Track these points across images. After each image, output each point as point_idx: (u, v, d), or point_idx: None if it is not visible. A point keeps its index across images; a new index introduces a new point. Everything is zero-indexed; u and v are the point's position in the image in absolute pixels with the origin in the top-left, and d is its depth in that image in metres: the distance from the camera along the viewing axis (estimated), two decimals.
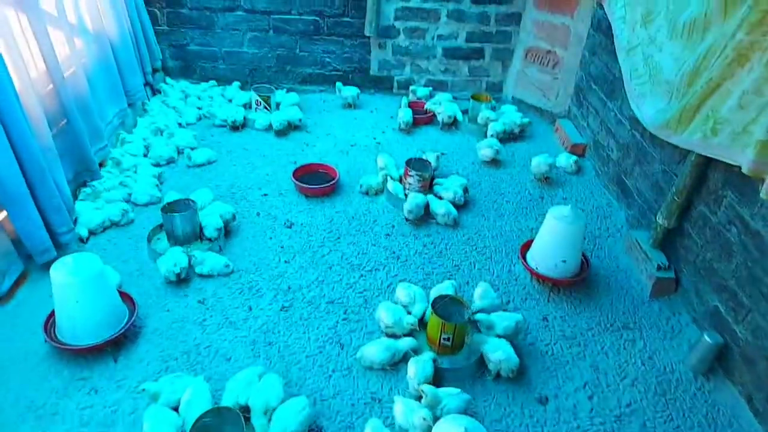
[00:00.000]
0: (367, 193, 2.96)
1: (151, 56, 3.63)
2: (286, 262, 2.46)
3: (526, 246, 2.48)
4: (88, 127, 2.74)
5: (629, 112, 2.78)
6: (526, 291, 2.36)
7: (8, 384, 1.81)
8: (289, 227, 2.68)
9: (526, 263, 2.39)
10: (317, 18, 3.83)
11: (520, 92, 4.00)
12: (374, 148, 3.42)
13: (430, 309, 2.01)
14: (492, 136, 3.42)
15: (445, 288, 2.17)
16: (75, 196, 2.61)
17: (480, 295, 2.14)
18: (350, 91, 3.86)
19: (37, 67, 2.44)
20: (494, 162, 3.30)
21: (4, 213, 2.16)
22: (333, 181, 2.95)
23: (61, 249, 2.31)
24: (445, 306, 2.00)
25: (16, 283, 2.17)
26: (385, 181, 2.96)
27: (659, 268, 2.34)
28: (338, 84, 3.91)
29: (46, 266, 2.24)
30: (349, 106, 3.90)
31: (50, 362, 1.89)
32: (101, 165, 2.86)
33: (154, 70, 3.70)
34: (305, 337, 2.07)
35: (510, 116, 3.60)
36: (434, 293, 2.15)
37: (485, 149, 3.24)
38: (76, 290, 1.82)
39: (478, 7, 3.81)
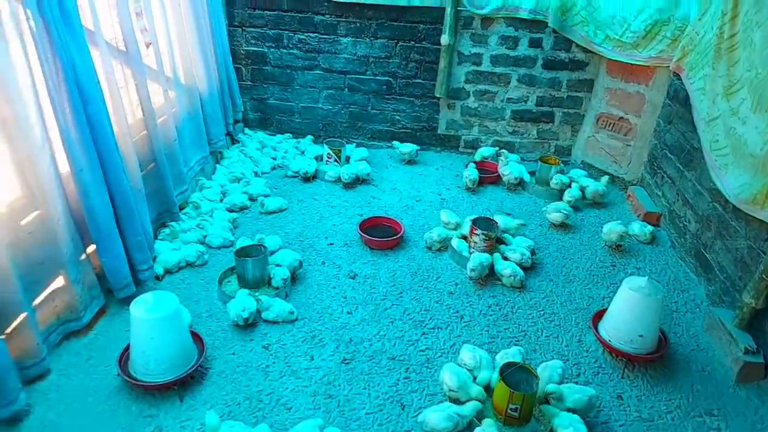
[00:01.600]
0: (430, 249, 2.96)
1: (234, 108, 3.87)
2: (348, 313, 2.46)
3: (598, 316, 2.38)
4: (173, 171, 2.92)
5: (709, 183, 2.68)
6: (597, 364, 2.24)
7: (81, 414, 1.86)
8: (352, 278, 2.70)
9: (599, 334, 2.28)
10: (390, 79, 3.98)
11: (589, 157, 3.95)
12: (439, 204, 3.44)
13: (497, 376, 1.94)
14: (567, 201, 3.36)
15: (512, 354, 2.09)
16: (155, 236, 2.75)
17: (548, 367, 2.05)
18: (408, 148, 3.95)
19: (134, 115, 2.65)
20: (563, 226, 3.23)
21: (93, 247, 2.29)
22: (398, 235, 2.97)
23: (139, 286, 2.42)
24: (513, 374, 1.92)
25: (96, 316, 2.28)
26: (449, 237, 2.95)
27: (747, 351, 2.17)
28: (395, 142, 4.02)
29: (125, 301, 2.36)
30: (409, 162, 3.98)
31: (121, 396, 1.94)
32: (181, 207, 3.01)
33: (235, 121, 3.93)
34: (365, 393, 2.04)
35: (581, 181, 3.55)
36: (500, 359, 2.08)
37: (554, 213, 3.19)
38: (152, 327, 1.89)
39: (550, 72, 3.85)
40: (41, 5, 1.87)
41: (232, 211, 3.16)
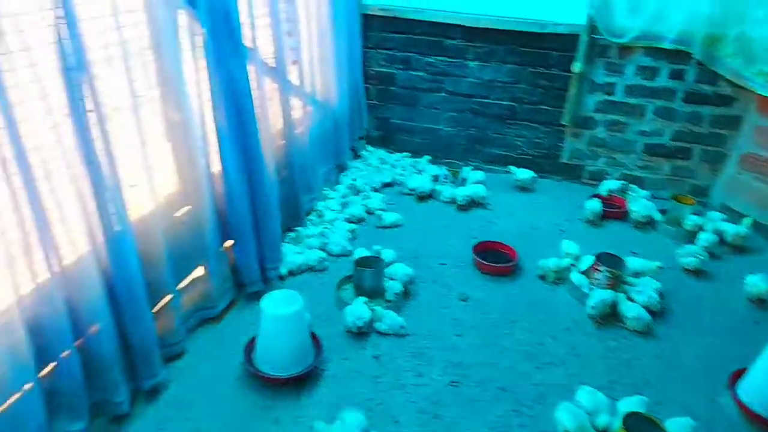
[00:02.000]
0: (544, 278, 2.86)
1: (360, 125, 4.05)
2: (458, 335, 2.44)
3: (737, 376, 2.15)
4: (303, 180, 3.11)
5: None
6: (734, 430, 2.01)
7: (209, 394, 2.02)
8: (463, 301, 2.68)
9: (737, 397, 2.05)
10: (514, 104, 3.94)
11: (732, 200, 3.61)
12: (557, 234, 3.32)
13: (618, 424, 1.82)
14: (703, 246, 3.09)
15: (635, 404, 1.95)
16: (282, 238, 2.94)
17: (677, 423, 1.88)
18: (525, 174, 3.86)
19: (276, 125, 2.87)
20: (697, 272, 2.97)
21: (230, 243, 2.50)
22: (512, 262, 2.91)
23: (266, 283, 2.59)
24: (637, 425, 1.79)
25: (227, 307, 2.47)
26: (568, 269, 2.84)
27: None
28: (511, 167, 3.94)
29: (252, 296, 2.53)
30: (525, 188, 3.89)
31: (244, 384, 2.08)
32: (307, 214, 3.19)
33: (360, 138, 4.11)
34: (473, 420, 2.00)
35: (719, 225, 3.25)
36: (622, 407, 1.95)
37: (688, 257, 2.95)
38: (278, 323, 2.01)
39: (691, 106, 3.60)
40: (214, 23, 2.10)
41: (351, 221, 3.29)
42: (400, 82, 4.10)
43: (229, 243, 2.50)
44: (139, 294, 1.87)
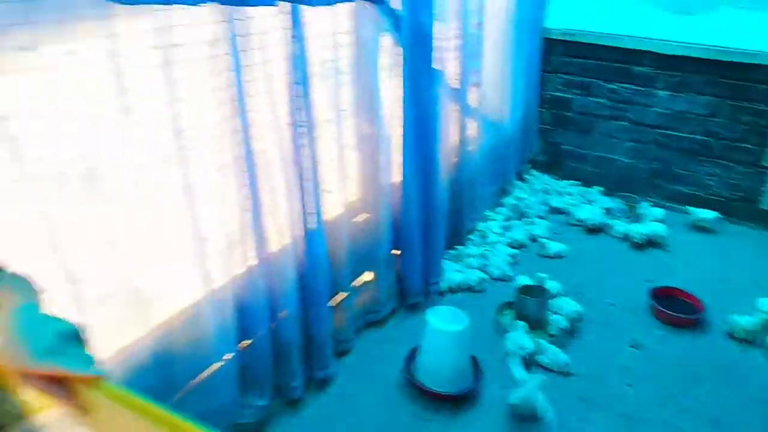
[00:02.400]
0: (732, 336, 2.51)
1: (529, 149, 3.96)
2: (628, 385, 2.24)
3: None
4: (469, 198, 3.12)
5: None
6: None
7: (369, 394, 2.10)
8: (635, 348, 2.46)
9: None
10: (708, 138, 3.56)
11: None
12: (752, 289, 2.89)
13: None
14: None
15: None
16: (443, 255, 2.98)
17: None
18: (707, 214, 3.44)
19: (451, 142, 2.92)
20: None
21: (398, 252, 2.59)
22: (698, 314, 2.60)
23: (426, 297, 2.64)
24: None
25: (389, 314, 2.55)
26: (765, 330, 2.46)
27: None
28: (688, 207, 3.55)
29: (412, 307, 2.60)
30: (704, 230, 3.47)
31: (403, 391, 2.13)
32: (468, 233, 3.20)
33: (526, 161, 4.02)
34: None
35: None
36: None
37: None
38: (444, 339, 2.03)
39: None
40: (412, 46, 2.21)
41: (512, 246, 3.21)
42: (576, 107, 3.94)
43: (395, 252, 2.60)
44: (323, 287, 2.02)
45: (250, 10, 1.51)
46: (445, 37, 2.49)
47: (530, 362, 2.30)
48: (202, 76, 1.49)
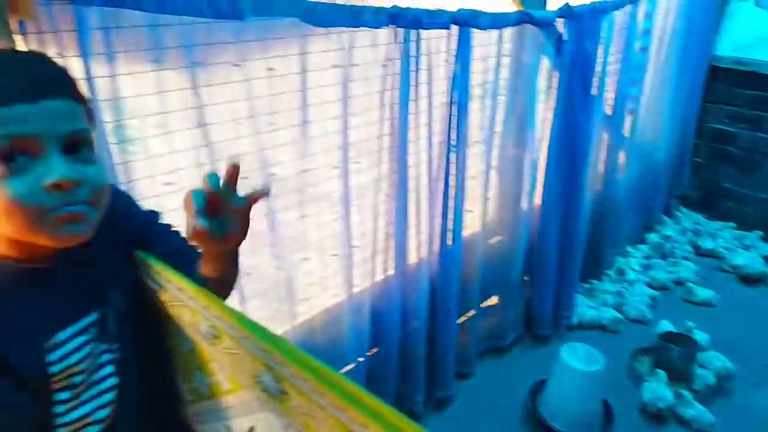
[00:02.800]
0: None
1: (678, 183, 3.65)
2: None
3: None
4: (610, 230, 2.94)
5: None
6: None
7: (488, 420, 2.06)
8: None
9: None
10: None
11: None
12: None
13: None
14: None
15: None
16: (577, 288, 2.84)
17: None
18: None
19: (597, 170, 2.79)
20: None
21: (530, 278, 2.52)
22: None
23: (554, 329, 2.54)
24: None
25: (513, 342, 2.49)
26: None
27: None
28: None
29: (538, 338, 2.51)
30: None
31: (523, 425, 2.06)
32: (605, 268, 3.02)
33: (674, 197, 3.70)
34: None
35: None
36: None
37: None
38: (578, 378, 1.93)
39: None
40: (571, 70, 2.15)
41: (652, 287, 2.97)
42: (740, 142, 3.55)
43: (528, 278, 2.53)
44: (453, 305, 2.03)
45: (424, 33, 1.57)
46: (606, 62, 2.39)
47: (667, 416, 2.10)
48: (371, 94, 1.58)
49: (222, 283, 0.86)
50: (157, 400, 0.92)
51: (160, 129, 1.25)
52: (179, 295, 0.80)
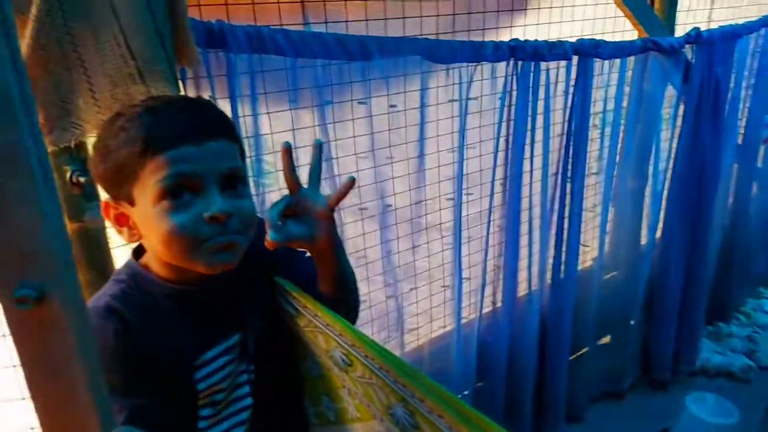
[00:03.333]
0: None
1: None
2: None
3: None
4: (738, 269, 2.68)
5: None
6: None
7: None
8: None
9: None
10: None
11: None
12: None
13: None
14: None
15: None
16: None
17: None
18: None
19: (725, 204, 2.56)
20: None
21: (647, 319, 2.35)
22: None
23: (674, 375, 2.33)
24: None
25: (629, 387, 2.32)
26: None
27: None
28: None
29: (655, 383, 2.32)
30: None
31: None
32: (734, 310, 2.74)
33: None
34: None
35: None
36: None
37: None
38: (707, 431, 1.76)
39: None
40: (700, 98, 2.01)
41: None
42: None
43: (645, 317, 2.36)
44: (564, 342, 1.94)
45: (543, 64, 1.55)
46: (739, 88, 2.21)
47: None
48: (487, 126, 1.58)
49: (339, 301, 0.88)
50: (287, 421, 0.97)
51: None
52: (315, 321, 0.85)
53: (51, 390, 0.65)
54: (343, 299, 0.91)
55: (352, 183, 0.77)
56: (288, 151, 0.78)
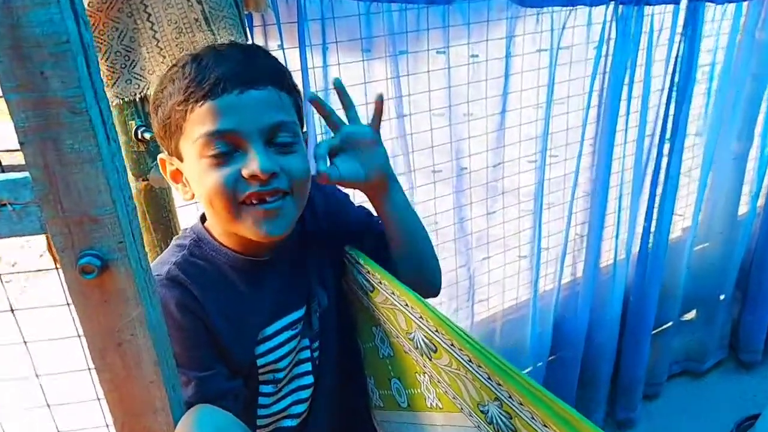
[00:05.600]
0: None
1: None
2: None
3: None
4: None
5: None
6: None
7: None
8: None
9: None
10: None
11: None
12: None
13: None
14: None
15: None
16: None
17: None
18: None
19: None
20: None
21: (740, 295, 2.14)
22: None
23: (765, 355, 2.14)
24: None
25: (714, 365, 2.14)
26: None
27: None
28: None
29: (744, 364, 2.14)
30: None
31: None
32: None
33: None
34: None
35: None
36: None
37: None
38: None
39: None
40: None
41: None
42: None
43: (738, 294, 2.15)
44: (648, 317, 1.79)
45: (646, 9, 1.35)
46: None
47: None
48: (579, 79, 1.41)
49: (413, 261, 0.82)
50: (348, 400, 0.91)
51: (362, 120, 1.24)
52: (392, 299, 0.77)
53: (116, 362, 0.60)
54: (416, 261, 0.83)
55: (381, 100, 0.76)
56: (317, 101, 0.76)
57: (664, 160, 1.62)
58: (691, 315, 2.11)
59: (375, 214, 0.85)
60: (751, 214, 1.96)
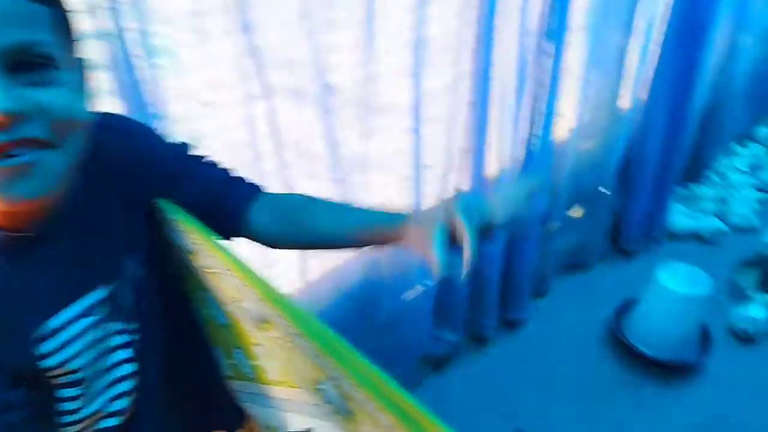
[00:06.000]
0: None
1: None
2: None
3: None
4: (714, 128, 2.52)
5: None
6: None
7: (567, 344, 1.92)
8: None
9: None
10: None
11: None
12: None
13: None
14: None
15: None
16: None
17: None
18: None
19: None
20: None
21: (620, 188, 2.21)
22: None
23: (646, 243, 2.29)
24: None
25: (598, 257, 2.25)
26: None
27: None
28: None
29: (625, 252, 2.27)
30: None
31: (603, 348, 1.91)
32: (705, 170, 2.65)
33: None
34: None
35: None
36: None
37: None
38: (678, 303, 1.72)
39: None
40: None
41: (761, 190, 2.61)
42: None
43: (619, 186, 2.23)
44: (534, 219, 1.81)
45: None
46: None
47: (756, 339, 1.90)
48: None
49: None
50: (191, 373, 0.80)
51: (195, 35, 1.02)
52: (215, 264, 0.64)
53: None
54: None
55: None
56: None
57: (548, 60, 1.54)
58: (576, 211, 2.18)
59: (197, 152, 0.70)
60: (633, 109, 1.97)
